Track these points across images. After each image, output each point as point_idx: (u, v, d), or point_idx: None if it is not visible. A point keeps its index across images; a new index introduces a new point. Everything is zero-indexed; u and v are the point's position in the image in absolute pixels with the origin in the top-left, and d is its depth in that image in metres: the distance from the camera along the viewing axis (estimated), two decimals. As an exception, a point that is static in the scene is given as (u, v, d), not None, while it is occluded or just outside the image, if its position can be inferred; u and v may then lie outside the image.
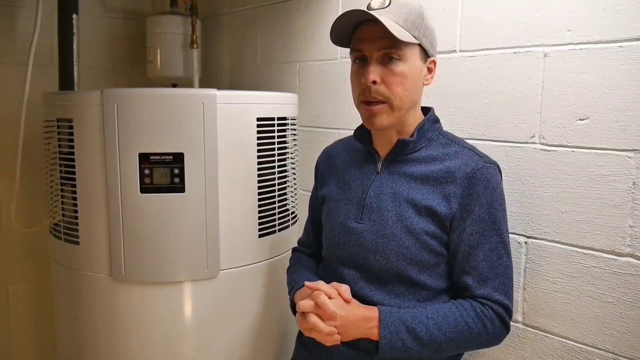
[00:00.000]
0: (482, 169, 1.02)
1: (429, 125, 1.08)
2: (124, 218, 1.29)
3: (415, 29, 1.00)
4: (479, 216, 1.00)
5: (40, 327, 2.01)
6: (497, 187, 1.03)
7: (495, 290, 1.00)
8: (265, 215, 1.42)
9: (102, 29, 2.06)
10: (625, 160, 1.06)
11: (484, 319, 0.99)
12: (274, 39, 1.87)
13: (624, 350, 1.09)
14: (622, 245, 1.08)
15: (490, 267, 1.01)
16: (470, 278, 1.01)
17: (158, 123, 1.27)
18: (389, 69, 0.99)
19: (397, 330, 0.97)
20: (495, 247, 1.01)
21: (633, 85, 1.04)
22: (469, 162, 1.02)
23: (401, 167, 1.06)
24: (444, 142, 1.08)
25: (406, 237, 1.02)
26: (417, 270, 1.03)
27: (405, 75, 1.00)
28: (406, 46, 0.99)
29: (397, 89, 1.00)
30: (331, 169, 1.20)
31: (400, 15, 0.99)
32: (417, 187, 1.03)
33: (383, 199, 1.05)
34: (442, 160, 1.04)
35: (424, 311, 0.99)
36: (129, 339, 1.35)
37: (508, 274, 1.03)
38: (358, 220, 1.07)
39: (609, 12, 1.07)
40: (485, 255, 1.01)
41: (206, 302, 1.36)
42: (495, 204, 1.02)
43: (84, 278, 1.37)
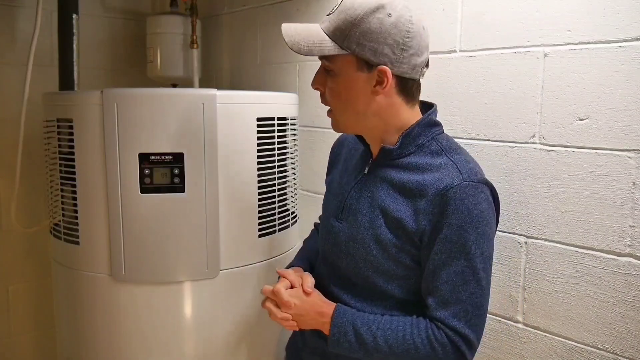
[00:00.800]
0: (456, 187, 0.92)
1: (419, 130, 0.99)
2: (124, 218, 1.29)
3: (344, 39, 0.92)
4: (447, 237, 0.93)
5: (40, 327, 2.01)
6: (473, 209, 0.92)
7: (453, 315, 0.94)
8: (265, 215, 1.42)
9: (102, 29, 2.06)
10: (625, 160, 1.06)
11: (434, 342, 0.94)
12: (274, 39, 1.87)
13: (624, 350, 1.09)
14: (622, 245, 1.08)
15: (451, 291, 0.94)
16: (431, 298, 0.96)
17: (158, 123, 1.27)
18: (327, 78, 0.99)
19: (345, 331, 0.99)
20: (462, 271, 0.93)
21: (633, 85, 1.04)
22: (445, 178, 0.94)
23: (385, 171, 1.01)
24: (434, 149, 0.99)
25: (374, 245, 0.99)
26: (384, 280, 1.01)
27: (334, 88, 0.98)
28: (335, 58, 0.94)
29: (333, 101, 0.99)
30: (339, 157, 1.20)
31: (333, 23, 0.94)
32: (394, 196, 0.98)
33: (361, 201, 1.03)
34: (423, 171, 0.97)
35: (377, 320, 0.99)
36: (129, 339, 1.35)
37: (474, 302, 0.94)
38: (338, 219, 1.07)
39: (609, 12, 1.07)
40: (449, 278, 0.94)
41: (206, 302, 1.36)
42: (468, 226, 0.92)
43: (84, 278, 1.37)
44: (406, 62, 0.94)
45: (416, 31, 0.93)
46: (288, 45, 0.94)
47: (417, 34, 0.94)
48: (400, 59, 0.93)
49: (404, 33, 0.92)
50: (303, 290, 1.05)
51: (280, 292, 1.03)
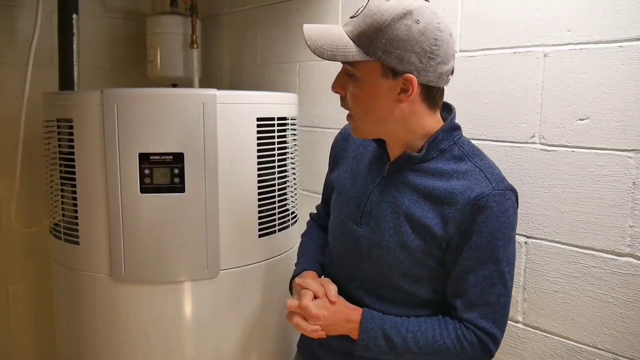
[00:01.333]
0: (487, 197, 0.93)
1: (443, 135, 0.99)
2: (124, 218, 1.29)
3: (370, 45, 0.89)
4: (477, 243, 0.94)
5: (40, 327, 2.01)
6: (501, 216, 0.94)
7: (481, 317, 0.97)
8: (265, 215, 1.42)
9: (102, 29, 2.06)
10: (625, 160, 1.06)
11: (463, 342, 0.97)
12: (274, 39, 1.87)
13: (624, 350, 1.09)
14: (622, 245, 1.08)
15: (480, 293, 0.97)
16: (459, 301, 0.98)
17: (158, 123, 1.27)
18: (349, 82, 0.96)
19: (374, 335, 0.99)
20: (490, 275, 0.96)
21: (633, 85, 1.04)
22: (475, 187, 0.94)
23: (407, 176, 1.00)
24: (457, 154, 0.99)
25: (401, 251, 0.99)
26: (410, 283, 1.01)
27: (356, 95, 0.95)
28: (359, 63, 0.91)
29: (354, 107, 0.97)
30: (344, 153, 1.16)
31: (358, 28, 0.90)
32: (419, 202, 0.98)
33: (383, 207, 1.02)
34: (449, 178, 0.96)
35: (406, 322, 1.00)
36: (129, 339, 1.35)
37: (501, 303, 0.98)
38: (357, 224, 1.05)
39: (609, 12, 1.07)
40: (477, 282, 0.96)
41: (206, 302, 1.36)
42: (497, 233, 0.94)
43: (84, 278, 1.37)
44: (432, 70, 0.92)
45: (444, 39, 0.91)
46: (310, 48, 0.91)
47: (444, 42, 0.92)
48: (427, 67, 0.91)
49: (431, 41, 0.90)
50: (328, 299, 1.03)
51: (308, 307, 1.00)
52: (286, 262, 1.53)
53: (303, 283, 1.06)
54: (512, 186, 0.98)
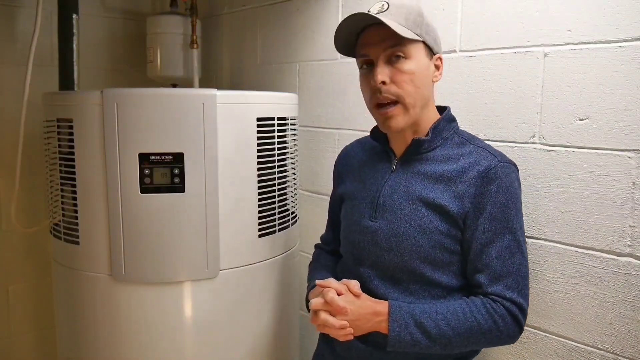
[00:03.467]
0: (495, 168, 1.01)
1: (444, 124, 1.08)
2: (124, 218, 1.29)
3: (417, 27, 1.01)
4: (492, 214, 1.01)
5: (40, 327, 2.01)
6: (510, 186, 1.02)
7: (507, 288, 1.00)
8: (265, 215, 1.42)
9: (102, 29, 2.06)
10: (625, 160, 1.06)
11: (494, 315, 0.99)
12: (274, 39, 1.87)
13: (624, 350, 1.09)
14: (622, 245, 1.08)
15: (502, 265, 1.01)
16: (482, 276, 1.01)
17: (158, 123, 1.27)
18: (396, 67, 1.00)
19: (405, 324, 0.99)
20: (508, 245, 1.01)
21: (633, 85, 1.04)
22: (482, 162, 1.03)
23: (415, 166, 1.07)
24: (458, 141, 1.08)
25: (419, 236, 1.03)
26: (431, 269, 1.04)
27: (413, 72, 1.00)
28: (410, 44, 1.00)
29: (407, 87, 1.01)
30: (348, 167, 1.22)
31: (400, 16, 1.00)
32: (430, 186, 1.04)
33: (396, 197, 1.06)
34: (456, 160, 1.04)
35: (434, 306, 1.01)
36: (129, 339, 1.35)
37: (522, 273, 1.02)
38: (372, 219, 1.08)
39: (609, 12, 1.07)
40: (498, 253, 1.01)
41: (206, 302, 1.36)
42: (509, 202, 1.01)
43: (84, 278, 1.37)
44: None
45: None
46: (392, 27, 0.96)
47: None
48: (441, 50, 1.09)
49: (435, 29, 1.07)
50: (352, 293, 1.03)
51: (334, 299, 1.01)
52: (286, 262, 1.53)
53: (324, 283, 1.06)
54: (514, 162, 1.07)
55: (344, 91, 1.62)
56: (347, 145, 1.29)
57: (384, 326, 1.00)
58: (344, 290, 1.04)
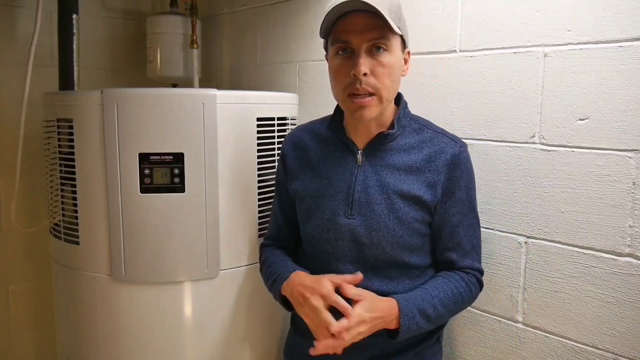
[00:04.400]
0: (459, 155, 1.08)
1: (403, 112, 1.11)
2: (124, 218, 1.29)
3: (398, 20, 1.01)
4: (459, 197, 1.09)
5: (40, 327, 2.01)
6: (470, 169, 1.12)
7: (474, 260, 1.13)
8: (265, 215, 1.42)
9: (102, 29, 2.06)
10: (625, 160, 1.06)
11: (470, 285, 1.11)
12: (274, 39, 1.87)
13: (624, 350, 1.09)
14: (622, 245, 1.08)
15: (469, 241, 1.12)
16: (454, 253, 1.11)
17: (158, 123, 1.27)
18: (377, 60, 0.99)
19: (413, 315, 1.02)
20: (471, 222, 1.12)
21: (633, 85, 1.04)
22: (447, 149, 1.08)
23: (382, 158, 1.08)
24: (416, 127, 1.12)
25: (398, 227, 1.06)
26: (408, 254, 1.09)
27: (392, 66, 1.01)
28: (393, 37, 1.00)
29: (385, 80, 1.00)
30: (301, 161, 1.16)
31: (384, 6, 0.97)
32: (402, 178, 1.07)
33: (371, 192, 1.07)
34: (420, 148, 1.08)
35: (427, 291, 1.06)
36: (129, 338, 1.35)
37: (479, 242, 1.15)
38: (348, 216, 1.08)
39: (609, 12, 1.07)
40: (465, 232, 1.11)
41: (206, 302, 1.37)
42: (470, 184, 1.12)
43: (84, 278, 1.37)
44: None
45: None
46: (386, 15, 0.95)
47: None
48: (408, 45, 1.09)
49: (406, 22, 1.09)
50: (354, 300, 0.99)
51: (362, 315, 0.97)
52: (286, 262, 1.53)
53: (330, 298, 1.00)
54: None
55: (344, 91, 1.62)
56: (290, 135, 1.22)
57: (394, 323, 1.01)
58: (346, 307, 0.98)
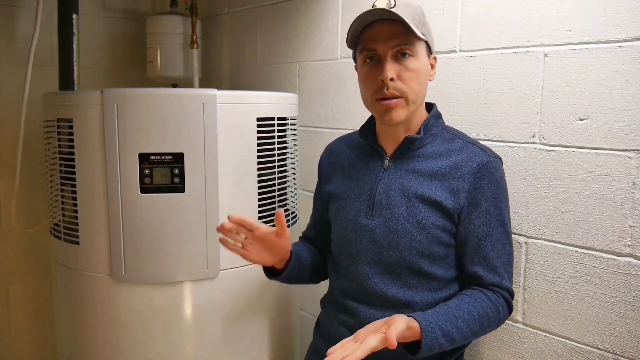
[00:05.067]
0: (487, 164, 1.06)
1: (433, 121, 1.11)
2: (124, 218, 1.29)
3: (422, 26, 1.04)
4: (486, 209, 1.05)
5: (40, 327, 2.01)
6: (501, 180, 1.08)
7: (503, 278, 1.07)
8: (265, 215, 1.42)
9: (102, 29, 2.06)
10: (625, 160, 1.06)
11: (498, 306, 1.05)
12: (274, 39, 1.87)
13: (624, 350, 1.09)
14: (622, 245, 1.08)
15: (497, 257, 1.06)
16: (481, 268, 1.06)
17: (158, 123, 1.27)
18: (403, 65, 1.03)
19: (435, 336, 0.95)
20: (500, 237, 1.07)
21: (633, 85, 1.04)
22: (475, 158, 1.06)
23: (408, 163, 1.09)
24: (447, 137, 1.11)
25: (417, 231, 1.05)
26: (429, 262, 1.06)
27: (418, 71, 1.04)
28: (417, 42, 1.03)
29: (412, 84, 1.04)
30: (335, 165, 1.23)
31: (407, 14, 1.01)
32: (425, 183, 1.06)
33: (392, 195, 1.08)
34: (448, 156, 1.07)
35: (451, 310, 1.00)
36: (129, 339, 1.35)
37: (511, 261, 1.09)
38: (369, 217, 1.10)
39: (609, 12, 1.07)
40: (493, 246, 1.06)
41: (206, 302, 1.36)
42: (500, 196, 1.07)
43: (84, 278, 1.37)
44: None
45: None
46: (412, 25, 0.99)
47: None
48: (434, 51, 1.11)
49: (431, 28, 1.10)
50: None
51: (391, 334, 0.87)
52: (286, 262, 1.53)
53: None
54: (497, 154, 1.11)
55: (344, 91, 1.62)
56: (330, 144, 1.30)
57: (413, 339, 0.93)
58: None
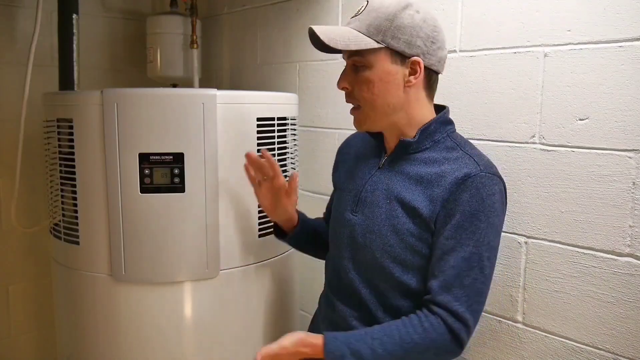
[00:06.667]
0: (474, 177, 0.97)
1: (436, 126, 1.05)
2: (124, 218, 1.29)
3: (378, 33, 0.98)
4: (459, 223, 0.97)
5: (40, 327, 2.01)
6: (486, 199, 0.97)
7: (455, 300, 0.96)
8: (265, 215, 1.42)
9: (102, 29, 2.06)
10: (625, 160, 1.06)
11: (432, 333, 0.96)
12: (274, 39, 1.87)
13: (624, 350, 1.09)
14: (622, 245, 1.08)
15: (457, 275, 0.96)
16: (435, 282, 0.98)
17: (158, 123, 1.27)
18: (357, 75, 1.02)
19: (342, 354, 0.96)
20: (469, 257, 0.96)
21: (633, 85, 1.04)
22: (464, 169, 0.99)
23: (401, 166, 1.06)
24: (449, 145, 1.04)
25: (391, 235, 1.02)
26: (401, 270, 1.03)
27: (370, 81, 1.01)
28: (369, 53, 0.99)
29: (365, 95, 1.02)
30: (346, 156, 1.24)
31: (364, 22, 1.00)
32: (410, 187, 1.02)
33: (377, 194, 1.07)
34: (440, 164, 1.02)
35: (371, 331, 0.99)
36: (129, 338, 1.35)
37: (476, 288, 0.97)
38: (353, 213, 1.10)
39: (609, 12, 1.07)
40: (456, 263, 0.96)
41: (206, 302, 1.36)
42: (480, 214, 0.96)
43: (84, 278, 1.37)
44: (434, 54, 1.02)
45: (440, 27, 1.04)
46: (325, 41, 0.98)
47: (441, 30, 1.04)
48: (430, 51, 1.01)
49: (432, 27, 1.01)
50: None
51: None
52: (286, 262, 1.53)
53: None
54: (501, 176, 1.03)
55: (344, 91, 1.62)
56: (350, 135, 1.28)
57: (317, 356, 0.98)
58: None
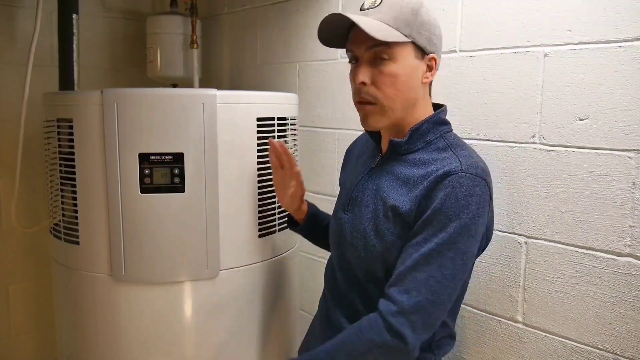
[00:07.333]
0: (453, 176, 0.93)
1: (428, 126, 1.03)
2: (124, 218, 1.29)
3: (406, 27, 0.97)
4: (427, 218, 0.93)
5: (40, 327, 2.01)
6: (462, 199, 0.92)
7: (403, 292, 0.92)
8: (265, 215, 1.42)
9: (102, 29, 2.06)
10: (625, 160, 1.06)
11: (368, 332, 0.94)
12: (274, 39, 1.87)
13: (624, 350, 1.09)
14: (622, 245, 1.08)
15: (412, 268, 0.92)
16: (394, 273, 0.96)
17: (158, 123, 1.27)
18: (378, 69, 0.98)
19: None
20: (429, 253, 0.92)
21: (633, 85, 1.04)
22: (445, 167, 0.95)
23: (392, 166, 1.05)
24: (441, 146, 1.01)
25: (374, 235, 1.01)
26: (384, 271, 1.01)
27: (395, 75, 0.97)
28: (396, 45, 0.96)
29: (387, 90, 0.98)
30: (351, 156, 1.25)
31: (389, 14, 0.96)
32: (396, 188, 1.00)
33: (367, 193, 1.07)
34: (428, 165, 0.98)
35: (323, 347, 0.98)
36: (129, 338, 1.35)
37: (429, 286, 0.91)
38: (345, 212, 1.10)
39: (609, 12, 1.07)
40: (415, 257, 0.93)
41: (206, 302, 1.36)
42: (451, 214, 0.91)
43: (84, 278, 1.37)
44: (440, 52, 1.05)
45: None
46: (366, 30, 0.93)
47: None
48: (440, 49, 1.05)
49: (438, 26, 1.04)
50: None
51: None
52: (286, 262, 1.53)
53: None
54: (487, 178, 0.97)
55: (344, 91, 1.62)
56: (360, 135, 1.28)
57: None
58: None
